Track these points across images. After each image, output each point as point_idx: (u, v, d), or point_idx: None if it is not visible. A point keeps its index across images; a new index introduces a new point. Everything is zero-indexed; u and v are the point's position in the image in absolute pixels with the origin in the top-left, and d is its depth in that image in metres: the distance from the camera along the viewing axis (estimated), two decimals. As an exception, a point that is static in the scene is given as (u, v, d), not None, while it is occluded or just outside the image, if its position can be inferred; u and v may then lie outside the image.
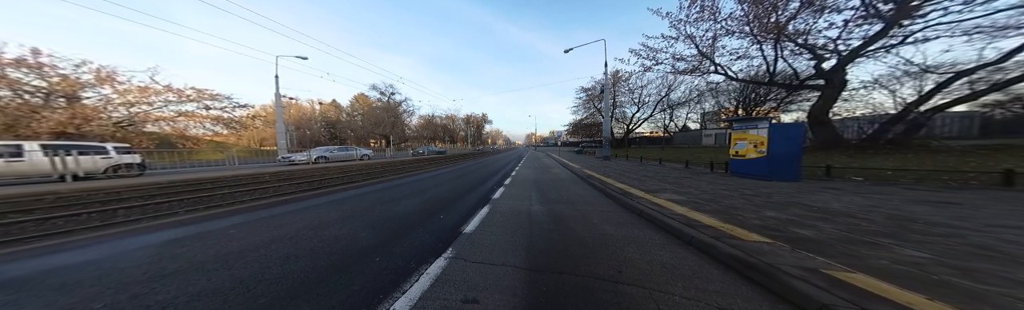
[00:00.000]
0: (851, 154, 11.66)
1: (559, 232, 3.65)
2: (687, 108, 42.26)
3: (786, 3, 12.20)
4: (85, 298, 2.18)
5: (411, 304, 2.00)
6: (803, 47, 13.77)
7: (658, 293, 2.09)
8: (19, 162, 8.09)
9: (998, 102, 13.96)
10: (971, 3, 10.21)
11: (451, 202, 5.86)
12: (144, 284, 2.40)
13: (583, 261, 2.70)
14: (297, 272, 2.58)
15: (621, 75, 38.01)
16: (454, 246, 3.20)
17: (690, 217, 3.87)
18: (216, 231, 4.06)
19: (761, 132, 7.44)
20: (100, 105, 16.26)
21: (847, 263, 2.28)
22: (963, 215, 3.72)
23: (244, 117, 21.41)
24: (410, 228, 3.98)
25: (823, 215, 3.79)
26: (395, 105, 57.21)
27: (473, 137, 78.27)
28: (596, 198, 6.08)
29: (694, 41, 15.03)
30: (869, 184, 6.46)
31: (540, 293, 2.12)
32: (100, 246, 3.54)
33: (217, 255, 3.06)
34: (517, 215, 4.62)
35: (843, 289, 1.88)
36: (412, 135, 63.36)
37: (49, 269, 2.83)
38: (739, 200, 4.92)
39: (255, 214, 5.12)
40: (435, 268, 2.60)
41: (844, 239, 2.85)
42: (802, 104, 26.23)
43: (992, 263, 2.26)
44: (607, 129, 20.06)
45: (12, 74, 13.89)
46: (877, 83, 15.39)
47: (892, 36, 11.96)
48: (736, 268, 2.43)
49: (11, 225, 4.80)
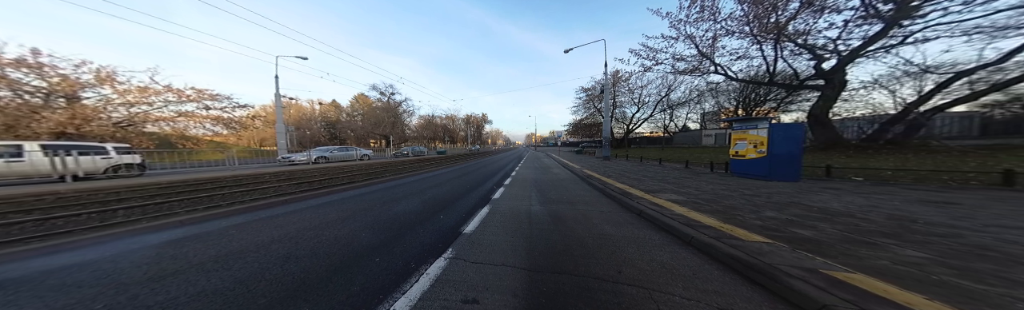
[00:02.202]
0: (851, 154, 11.66)
1: (559, 232, 3.65)
2: (687, 108, 42.24)
3: (786, 3, 12.22)
4: (85, 298, 2.18)
5: (411, 304, 2.00)
6: (803, 47, 13.77)
7: (658, 293, 2.09)
8: (19, 162, 8.10)
9: (998, 102, 13.95)
10: (971, 3, 10.21)
11: (451, 202, 5.86)
12: (144, 284, 2.40)
13: (583, 261, 2.70)
14: (297, 272, 2.58)
15: (621, 75, 37.97)
16: (454, 246, 3.20)
17: (690, 217, 3.87)
18: (216, 231, 4.06)
19: (761, 132, 7.44)
20: (100, 105, 16.25)
21: (847, 263, 2.28)
22: (963, 215, 3.72)
23: (244, 117, 21.40)
24: (410, 228, 3.98)
25: (823, 215, 3.79)
26: (395, 105, 57.25)
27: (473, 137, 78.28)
28: (596, 198, 6.08)
29: (694, 41, 15.05)
30: (869, 184, 6.46)
31: (540, 293, 2.12)
32: (100, 246, 3.54)
33: (217, 255, 3.06)
34: (517, 215, 4.62)
35: (843, 289, 1.88)
36: (412, 135, 63.37)
37: (49, 269, 2.83)
38: (739, 200, 4.92)
39: (255, 214, 5.12)
40: (435, 268, 2.60)
41: (844, 239, 2.85)
42: (802, 104, 26.24)
43: (992, 263, 2.26)
44: (607, 129, 20.06)
45: (12, 74, 13.89)
46: (877, 83, 15.39)
47: (892, 36, 11.97)
48: (736, 268, 2.43)
49: (11, 225, 4.80)
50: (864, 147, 12.35)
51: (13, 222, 4.86)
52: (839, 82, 13.58)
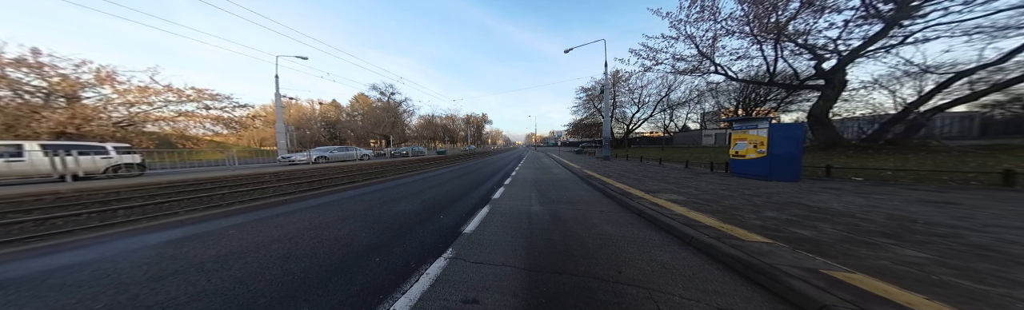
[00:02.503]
0: (851, 154, 11.66)
1: (559, 232, 3.65)
2: (687, 108, 42.21)
3: (786, 3, 12.21)
4: (85, 298, 2.18)
5: (411, 304, 2.00)
6: (803, 47, 13.77)
7: (658, 293, 2.09)
8: (19, 162, 8.10)
9: (998, 102, 13.94)
10: (971, 3, 10.20)
11: (451, 202, 5.86)
12: (144, 284, 2.40)
13: (583, 261, 2.70)
14: (297, 272, 2.58)
15: (621, 75, 37.96)
16: (454, 246, 3.20)
17: (690, 217, 3.87)
18: (216, 231, 4.06)
19: (761, 132, 7.44)
20: (100, 105, 16.25)
21: (847, 263, 2.28)
22: (963, 215, 3.72)
23: (244, 117, 21.39)
24: (410, 228, 3.98)
25: (823, 215, 3.79)
26: (395, 105, 57.21)
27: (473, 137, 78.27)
28: (596, 198, 6.08)
29: (694, 41, 15.04)
30: (869, 184, 6.46)
31: (540, 293, 2.12)
32: (100, 246, 3.54)
33: (217, 255, 3.06)
34: (517, 215, 4.62)
35: (843, 289, 1.88)
36: (412, 135, 63.34)
37: (49, 269, 2.83)
38: (739, 200, 4.92)
39: (255, 214, 5.12)
40: (435, 268, 2.60)
41: (844, 239, 2.85)
42: (802, 104, 26.21)
43: (991, 263, 2.26)
44: (607, 129, 20.05)
45: (12, 74, 13.89)
46: (877, 83, 15.37)
47: (892, 36, 11.96)
48: (736, 268, 2.43)
49: (11, 225, 4.80)
50: (864, 147, 12.34)
51: (13, 222, 4.87)
52: (839, 82, 13.57)
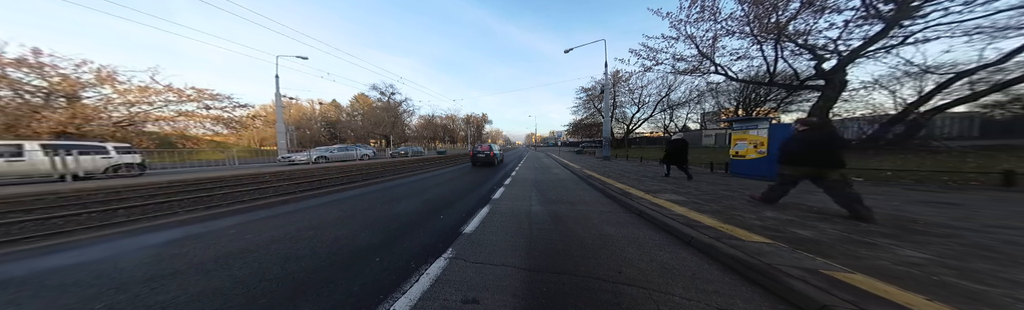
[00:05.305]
0: (851, 154, 11.65)
1: (559, 232, 3.65)
2: (687, 108, 42.11)
3: (786, 3, 12.20)
4: (85, 298, 2.18)
5: (411, 304, 2.00)
6: (803, 47, 13.76)
7: (658, 294, 2.09)
8: (20, 162, 8.11)
9: (998, 103, 13.91)
10: (971, 3, 10.20)
11: (451, 202, 5.86)
12: (144, 284, 2.40)
13: (583, 261, 2.70)
14: (297, 272, 2.58)
15: (621, 75, 37.94)
16: (454, 246, 3.20)
17: (690, 217, 3.87)
18: (216, 231, 4.06)
19: (761, 132, 7.44)
20: (100, 105, 16.26)
21: (847, 264, 2.28)
22: (963, 216, 3.72)
23: (244, 117, 21.40)
24: (410, 228, 3.98)
25: (823, 216, 3.79)
26: (395, 105, 57.17)
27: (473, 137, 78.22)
28: (596, 198, 6.08)
29: (694, 41, 15.02)
30: (869, 184, 6.46)
31: (540, 293, 2.12)
32: (100, 246, 3.54)
33: (217, 255, 3.06)
34: (517, 215, 4.62)
35: (843, 290, 1.88)
36: (412, 135, 63.30)
37: (49, 269, 2.83)
38: (739, 200, 4.92)
39: (255, 214, 5.12)
40: (435, 268, 2.60)
41: (844, 240, 2.85)
42: (802, 104, 26.16)
43: (992, 264, 2.26)
44: (607, 129, 20.05)
45: (13, 74, 13.90)
46: (877, 83, 15.38)
47: (892, 36, 11.95)
48: (736, 269, 2.43)
49: (11, 225, 4.80)
50: (864, 147, 12.35)
51: (13, 222, 4.87)
52: (839, 82, 13.56)
